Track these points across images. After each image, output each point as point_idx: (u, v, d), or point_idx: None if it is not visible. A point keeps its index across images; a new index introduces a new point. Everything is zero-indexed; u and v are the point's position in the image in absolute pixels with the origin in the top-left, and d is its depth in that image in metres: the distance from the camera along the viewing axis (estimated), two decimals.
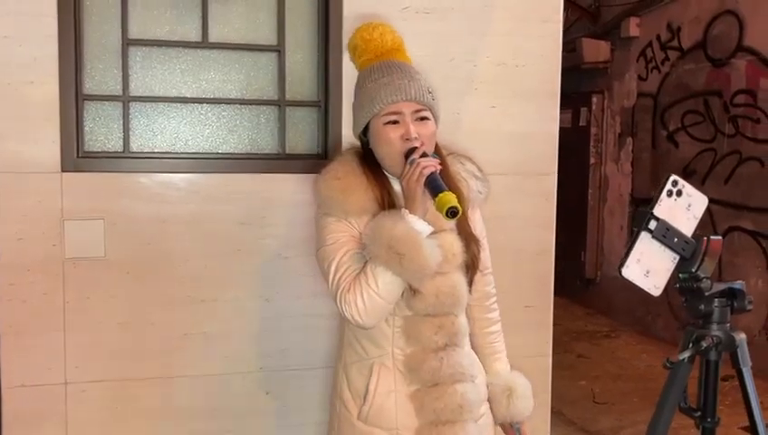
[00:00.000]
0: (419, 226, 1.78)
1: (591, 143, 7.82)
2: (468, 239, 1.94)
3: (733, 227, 5.91)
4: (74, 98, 2.51)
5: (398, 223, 1.76)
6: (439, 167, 1.83)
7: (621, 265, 1.70)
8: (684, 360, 1.73)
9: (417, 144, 1.86)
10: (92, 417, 2.61)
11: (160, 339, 2.65)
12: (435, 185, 1.77)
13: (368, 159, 1.96)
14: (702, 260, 1.71)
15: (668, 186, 1.71)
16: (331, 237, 1.87)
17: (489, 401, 2.08)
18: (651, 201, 1.71)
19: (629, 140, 7.28)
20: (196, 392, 2.70)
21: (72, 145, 2.51)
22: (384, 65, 1.94)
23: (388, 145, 1.88)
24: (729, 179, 5.94)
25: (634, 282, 1.71)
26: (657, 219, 1.71)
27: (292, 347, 2.76)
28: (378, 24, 2.03)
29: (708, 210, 6.12)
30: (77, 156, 2.53)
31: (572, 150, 7.88)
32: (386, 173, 1.95)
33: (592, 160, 7.82)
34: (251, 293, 2.71)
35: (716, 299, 1.76)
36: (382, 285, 1.75)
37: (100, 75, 2.59)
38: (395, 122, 1.88)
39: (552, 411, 3.17)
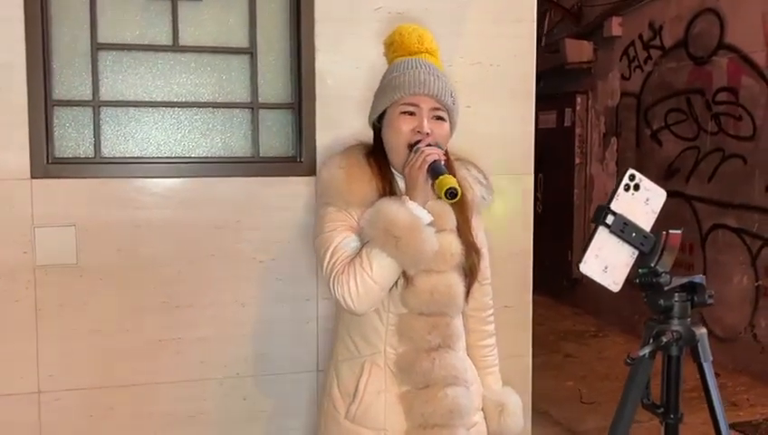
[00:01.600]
0: (419, 212, 1.78)
1: (576, 143, 7.83)
2: (469, 247, 1.93)
3: (717, 225, 5.92)
4: (43, 103, 2.49)
5: (398, 208, 1.76)
6: (444, 157, 1.83)
7: (580, 260, 1.69)
8: (645, 355, 1.72)
9: (424, 137, 1.86)
10: (67, 426, 2.58)
11: (135, 346, 2.62)
12: (437, 171, 1.76)
13: (375, 152, 1.96)
14: (661, 255, 1.69)
15: (626, 180, 1.70)
16: (330, 225, 1.87)
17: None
18: (609, 196, 1.70)
19: (614, 139, 7.29)
20: (173, 399, 2.68)
21: (41, 151, 2.49)
22: (414, 61, 1.94)
23: (398, 135, 1.88)
24: (713, 177, 5.95)
25: (593, 277, 1.69)
26: (615, 214, 1.69)
27: (269, 352, 2.74)
28: (418, 27, 2.04)
29: (692, 208, 6.15)
30: (47, 162, 2.51)
31: (557, 151, 7.89)
32: (392, 169, 1.94)
33: (577, 160, 7.83)
34: (227, 298, 2.69)
35: (676, 294, 1.74)
36: (377, 269, 1.74)
37: (70, 80, 2.56)
38: (411, 114, 1.88)
39: (538, 412, 3.17)
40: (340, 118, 2.67)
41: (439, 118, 1.91)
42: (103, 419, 2.61)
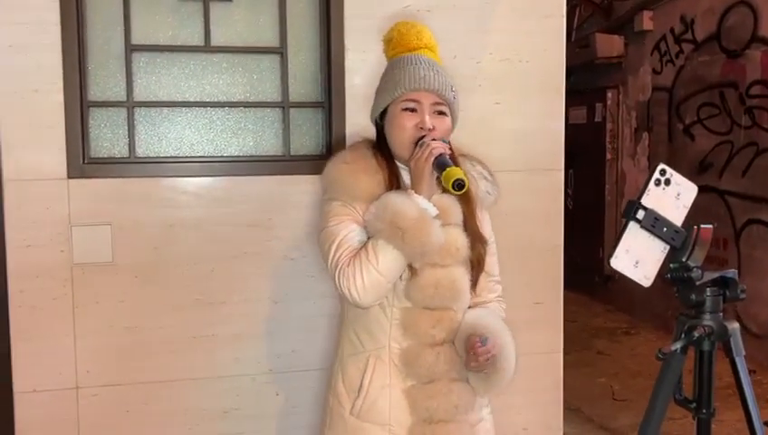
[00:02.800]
0: (425, 205, 1.78)
1: (607, 139, 7.76)
2: (474, 238, 1.92)
3: (751, 220, 5.83)
4: (79, 105, 2.53)
5: (403, 199, 1.76)
6: (449, 151, 1.83)
7: (610, 255, 1.68)
8: (676, 350, 1.71)
9: (428, 132, 1.86)
10: (104, 421, 2.63)
11: (169, 342, 2.66)
12: (443, 164, 1.77)
13: (380, 146, 1.96)
14: (692, 249, 1.68)
15: (656, 175, 1.69)
16: (335, 219, 1.86)
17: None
18: (640, 191, 1.69)
19: (645, 134, 7.21)
20: (207, 395, 2.71)
21: (78, 151, 2.54)
22: (414, 57, 1.94)
23: (401, 131, 1.88)
24: (747, 172, 5.86)
25: (624, 273, 1.69)
26: (646, 209, 1.68)
27: (300, 348, 2.77)
28: (416, 23, 2.04)
29: (726, 203, 6.07)
30: (83, 162, 2.55)
31: (588, 147, 7.83)
32: (396, 163, 1.94)
33: (609, 156, 7.76)
34: (259, 295, 2.72)
35: (708, 288, 1.73)
36: (383, 261, 1.74)
37: (105, 82, 2.61)
38: (412, 110, 1.88)
39: (570, 409, 3.16)
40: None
41: (441, 113, 1.90)
42: (139, 414, 2.66)
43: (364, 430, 1.90)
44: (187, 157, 2.68)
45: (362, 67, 2.71)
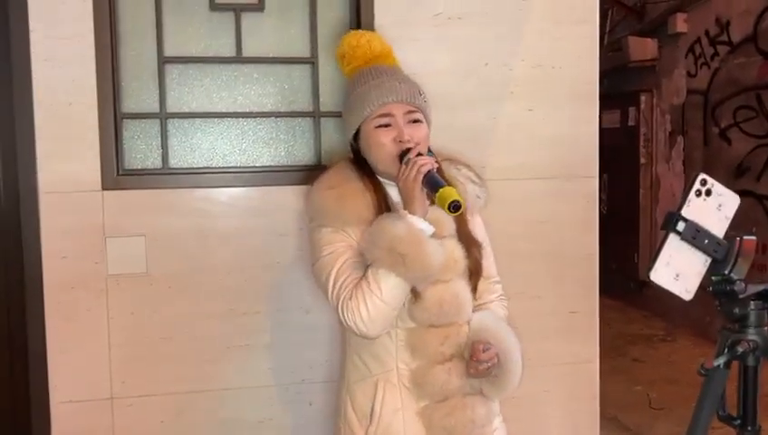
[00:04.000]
0: (421, 225, 1.73)
1: (641, 143, 7.67)
2: (469, 243, 1.89)
3: None
4: (113, 117, 2.55)
5: (399, 223, 1.71)
6: (436, 165, 1.79)
7: (650, 268, 1.65)
8: (719, 366, 1.66)
9: (411, 145, 1.82)
10: (139, 431, 2.64)
11: (204, 352, 2.67)
12: (433, 182, 1.72)
13: (362, 166, 1.92)
14: (735, 261, 1.63)
15: (697, 185, 1.64)
16: (327, 248, 1.82)
17: None
18: (679, 202, 1.65)
19: (680, 138, 7.12)
20: (241, 405, 2.72)
21: (111, 163, 2.56)
22: (373, 69, 1.92)
23: (380, 149, 1.85)
24: None
25: (664, 286, 1.65)
26: (686, 220, 1.64)
27: (333, 358, 2.76)
28: (365, 32, 2.04)
29: (764, 208, 5.96)
30: (117, 174, 2.57)
31: (622, 151, 7.75)
32: (381, 180, 1.90)
33: (643, 160, 7.67)
34: (291, 305, 2.72)
35: (752, 302, 1.68)
36: (386, 290, 1.69)
37: (138, 93, 2.63)
38: (387, 126, 1.85)
39: (606, 418, 3.11)
40: None
41: (416, 121, 1.87)
42: (174, 424, 2.67)
43: None
44: (219, 167, 2.68)
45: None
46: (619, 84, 7.65)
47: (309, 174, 2.72)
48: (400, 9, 2.69)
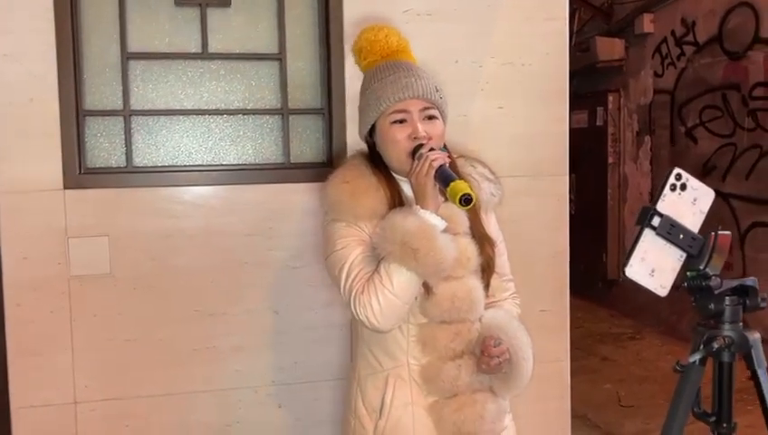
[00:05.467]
0: (433, 220, 1.73)
1: (609, 143, 7.73)
2: (482, 241, 1.88)
3: (756, 223, 5.80)
4: (75, 114, 2.49)
5: (411, 218, 1.71)
6: (448, 160, 1.78)
7: (625, 264, 1.63)
8: (695, 362, 1.66)
9: (424, 142, 1.81)
10: None
11: (169, 355, 2.61)
12: (445, 176, 1.71)
13: (376, 162, 1.91)
14: (710, 257, 1.63)
15: (672, 180, 1.63)
16: (341, 242, 1.82)
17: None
18: (654, 196, 1.64)
19: (648, 138, 7.18)
20: (209, 408, 2.67)
21: (74, 162, 2.50)
22: (390, 65, 1.89)
23: (395, 145, 1.84)
24: (750, 174, 5.83)
25: (639, 282, 1.63)
26: (661, 215, 1.63)
27: (303, 359, 2.72)
28: (383, 26, 1.99)
29: (729, 206, 6.03)
30: (79, 172, 2.51)
31: (590, 151, 7.80)
32: (395, 176, 1.89)
33: (611, 160, 7.73)
34: (260, 305, 2.68)
35: (727, 297, 1.68)
36: (397, 284, 1.69)
37: (101, 90, 2.57)
38: (402, 121, 1.83)
39: (576, 416, 3.11)
40: None
41: (431, 117, 1.85)
42: (140, 429, 2.61)
43: None
44: (185, 166, 2.63)
45: (362, 73, 2.66)
46: (587, 84, 7.70)
47: (276, 172, 2.69)
48: (369, 5, 2.66)
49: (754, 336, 1.73)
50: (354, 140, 2.65)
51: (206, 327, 2.64)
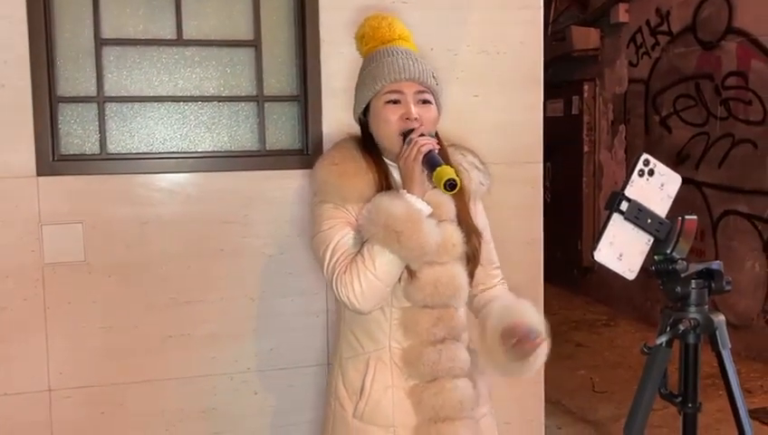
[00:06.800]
0: (419, 204, 1.75)
1: (584, 131, 7.77)
2: (469, 231, 1.90)
3: (728, 211, 5.87)
4: (48, 100, 2.47)
5: (396, 202, 1.72)
6: (437, 146, 1.79)
7: (594, 248, 1.66)
8: (662, 344, 1.69)
9: (416, 125, 1.82)
10: (78, 423, 2.58)
11: (145, 342, 2.61)
12: (433, 162, 1.72)
13: (367, 144, 1.92)
14: (677, 241, 1.66)
15: (640, 165, 1.66)
16: (327, 223, 1.83)
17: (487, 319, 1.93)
18: (623, 182, 1.67)
19: (622, 126, 7.23)
20: (184, 395, 2.67)
21: (47, 148, 2.48)
22: (390, 49, 1.91)
23: (387, 125, 1.84)
24: (723, 163, 5.89)
25: (607, 266, 1.66)
26: (629, 200, 1.66)
27: (279, 346, 2.73)
28: (387, 15, 2.01)
29: (703, 194, 6.10)
30: (53, 159, 2.49)
31: (566, 139, 7.84)
32: (385, 160, 1.91)
33: (586, 149, 7.78)
34: (236, 292, 2.68)
35: (693, 281, 1.71)
36: (380, 266, 1.71)
37: (74, 76, 2.55)
38: (396, 102, 1.84)
39: (550, 402, 3.15)
40: (347, 109, 2.64)
41: (425, 101, 1.87)
42: (114, 416, 2.61)
43: (368, 432, 1.87)
44: (159, 153, 2.62)
45: (338, 59, 2.66)
46: (563, 74, 7.74)
47: (252, 160, 2.68)
48: None
49: (719, 318, 1.76)
50: (330, 127, 2.66)
51: (182, 314, 2.64)
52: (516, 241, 2.90)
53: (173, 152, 2.64)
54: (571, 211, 7.88)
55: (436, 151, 1.76)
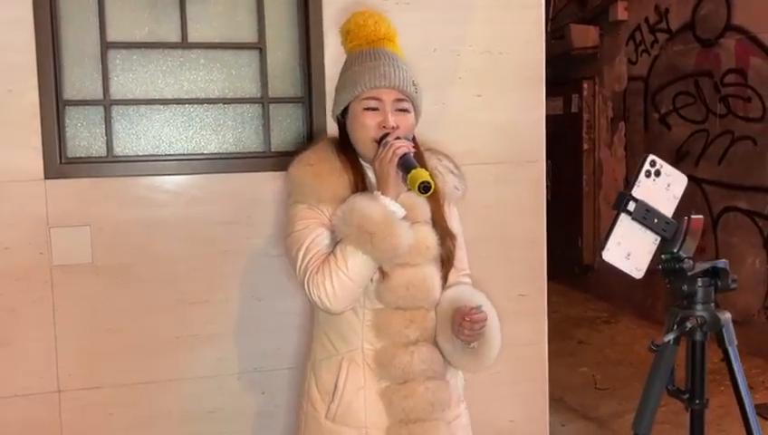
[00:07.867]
0: (392, 206, 1.75)
1: (584, 129, 7.79)
2: (443, 234, 1.90)
3: (728, 208, 5.89)
4: (55, 104, 2.49)
5: (370, 203, 1.74)
6: (413, 149, 1.80)
7: (602, 248, 1.68)
8: (669, 342, 1.71)
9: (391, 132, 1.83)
10: (87, 424, 2.60)
11: (152, 343, 2.63)
12: (408, 164, 1.74)
13: (343, 145, 1.93)
14: (683, 240, 1.69)
15: (646, 166, 1.69)
16: (301, 223, 1.83)
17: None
18: (630, 183, 1.69)
19: (622, 124, 7.25)
20: (192, 395, 2.69)
21: (54, 151, 2.50)
22: (373, 52, 1.91)
23: (363, 130, 1.85)
24: (722, 160, 5.91)
25: (615, 265, 1.68)
26: (636, 200, 1.68)
27: (285, 346, 2.75)
28: (374, 13, 2.01)
29: (703, 191, 6.11)
30: (60, 162, 2.51)
31: (565, 137, 7.85)
32: (361, 162, 1.91)
33: (586, 146, 7.79)
34: (241, 293, 2.70)
35: (699, 279, 1.74)
36: (352, 267, 1.71)
37: (81, 80, 2.57)
38: (374, 109, 1.85)
39: (553, 399, 3.16)
40: None
41: (403, 110, 1.87)
42: (123, 416, 2.63)
43: (340, 433, 1.87)
44: (165, 155, 2.64)
45: (342, 61, 2.66)
46: (562, 72, 7.74)
47: (257, 161, 2.70)
48: None
49: (725, 316, 1.79)
50: (334, 128, 2.66)
51: (188, 315, 2.66)
52: (519, 240, 2.92)
53: (179, 154, 2.66)
54: (571, 209, 7.89)
55: (412, 154, 1.77)
